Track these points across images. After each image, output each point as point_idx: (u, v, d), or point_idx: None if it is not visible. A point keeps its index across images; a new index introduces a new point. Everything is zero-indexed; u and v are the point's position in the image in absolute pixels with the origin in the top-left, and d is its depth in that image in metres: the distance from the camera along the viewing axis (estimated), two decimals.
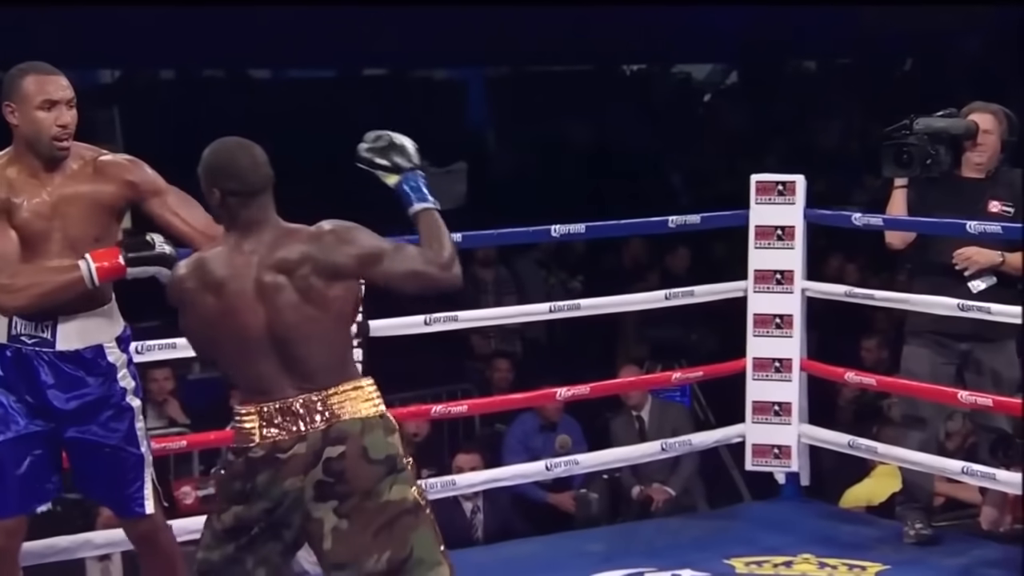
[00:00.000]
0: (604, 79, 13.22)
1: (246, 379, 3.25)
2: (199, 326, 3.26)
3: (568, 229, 4.99)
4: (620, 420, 7.22)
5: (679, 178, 11.72)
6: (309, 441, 3.21)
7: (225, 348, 3.24)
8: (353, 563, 3.22)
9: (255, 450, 3.21)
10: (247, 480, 3.23)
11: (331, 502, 3.21)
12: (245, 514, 3.25)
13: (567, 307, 5.17)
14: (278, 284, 3.24)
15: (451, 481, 5.09)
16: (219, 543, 3.29)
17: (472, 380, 8.03)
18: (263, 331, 3.22)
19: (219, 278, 3.23)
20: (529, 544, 5.43)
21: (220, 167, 3.33)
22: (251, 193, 3.36)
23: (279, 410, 3.22)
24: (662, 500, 7.01)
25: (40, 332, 3.50)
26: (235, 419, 3.28)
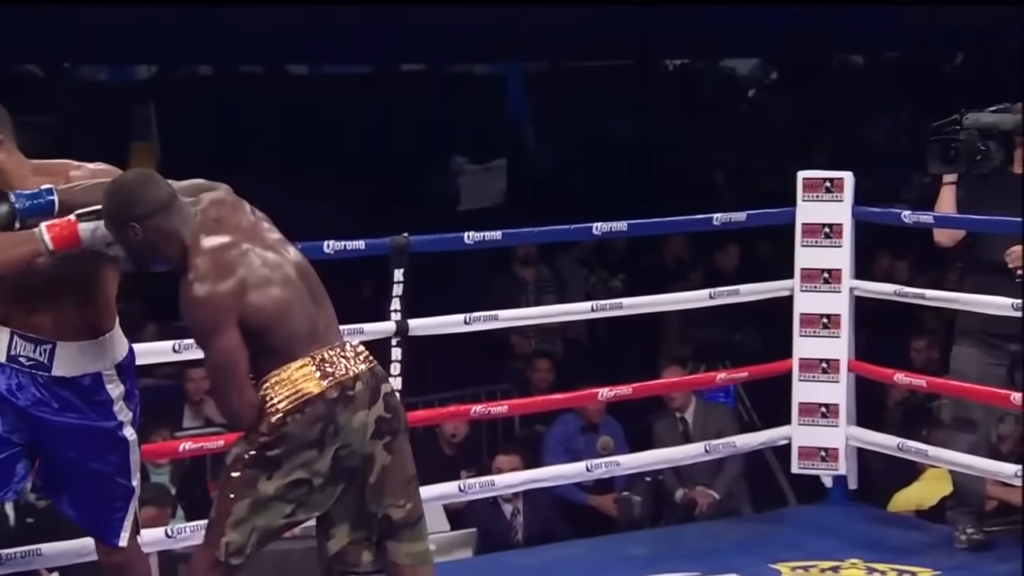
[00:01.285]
0: (646, 74, 13.13)
1: (301, 339, 3.37)
2: (255, 319, 3.32)
3: (610, 227, 4.92)
4: (663, 422, 7.15)
5: (722, 175, 11.62)
6: (363, 379, 3.40)
7: (280, 322, 3.34)
8: (388, 497, 3.44)
9: (328, 393, 3.36)
10: (328, 423, 3.36)
11: (385, 438, 3.42)
12: (315, 461, 3.36)
13: (609, 306, 5.11)
14: (279, 238, 3.45)
15: (490, 482, 5.03)
16: (269, 509, 3.37)
17: (512, 380, 7.97)
18: (298, 280, 3.39)
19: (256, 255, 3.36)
20: (571, 547, 5.37)
21: (143, 199, 3.34)
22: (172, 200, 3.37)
23: (332, 353, 3.39)
24: (706, 503, 6.94)
25: (38, 355, 3.44)
26: (278, 380, 3.35)
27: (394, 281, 4.53)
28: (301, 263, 3.45)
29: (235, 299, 3.30)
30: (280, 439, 3.37)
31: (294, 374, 3.37)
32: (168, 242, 3.34)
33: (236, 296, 3.30)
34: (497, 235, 4.72)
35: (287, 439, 3.37)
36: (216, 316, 3.29)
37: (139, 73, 12.26)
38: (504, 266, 8.80)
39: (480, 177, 10.99)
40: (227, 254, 3.33)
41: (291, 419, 3.36)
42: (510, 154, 11.39)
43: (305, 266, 3.46)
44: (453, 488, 4.86)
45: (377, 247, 4.52)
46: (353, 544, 3.47)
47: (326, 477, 3.40)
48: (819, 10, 11.39)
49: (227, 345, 3.29)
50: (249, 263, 3.34)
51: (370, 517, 3.46)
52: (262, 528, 3.39)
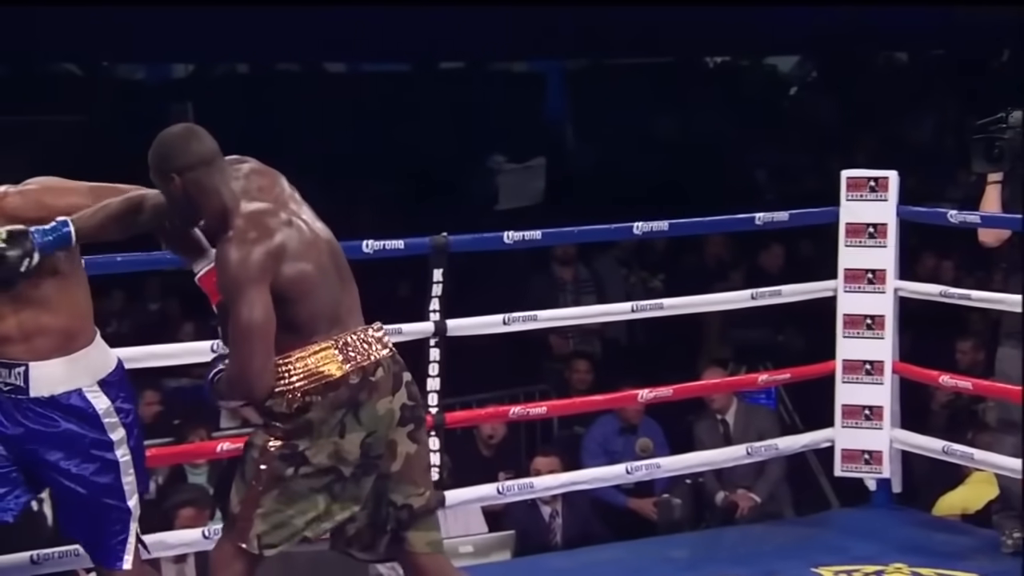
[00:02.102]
0: (686, 71, 13.07)
1: (324, 319, 3.36)
2: (285, 288, 3.29)
3: (651, 226, 4.86)
4: (704, 423, 7.09)
5: (763, 174, 11.55)
6: (385, 365, 3.40)
7: (307, 297, 3.33)
8: (409, 486, 3.44)
9: (350, 378, 3.35)
10: (349, 410, 3.35)
11: (409, 426, 3.43)
12: (341, 450, 3.36)
13: (650, 307, 5.06)
14: (315, 218, 3.43)
15: (529, 484, 4.98)
16: (299, 500, 3.36)
17: (550, 381, 7.93)
18: (330, 261, 3.39)
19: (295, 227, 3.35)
20: (610, 550, 5.32)
21: (185, 151, 3.34)
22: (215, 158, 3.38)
23: (354, 338, 3.38)
24: (747, 506, 6.88)
25: (12, 379, 3.37)
26: (300, 361, 3.34)
27: (433, 281, 4.48)
28: (332, 243, 3.44)
29: (272, 262, 3.29)
30: (302, 427, 3.36)
31: (315, 355, 3.36)
32: (208, 199, 3.33)
33: (273, 260, 3.29)
34: (537, 235, 4.68)
35: (309, 426, 3.36)
36: (251, 275, 3.25)
37: (176, 71, 12.29)
38: (543, 266, 8.77)
39: (519, 176, 10.95)
40: (267, 220, 3.33)
41: (312, 401, 3.35)
42: (549, 152, 11.33)
43: (335, 247, 3.45)
44: (491, 490, 4.83)
45: (416, 247, 4.48)
46: (369, 528, 3.47)
47: (357, 467, 3.38)
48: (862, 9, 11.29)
49: (260, 306, 3.25)
50: (287, 233, 3.33)
51: (389, 505, 3.45)
52: (294, 521, 3.37)
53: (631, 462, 5.23)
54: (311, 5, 9.84)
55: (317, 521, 3.41)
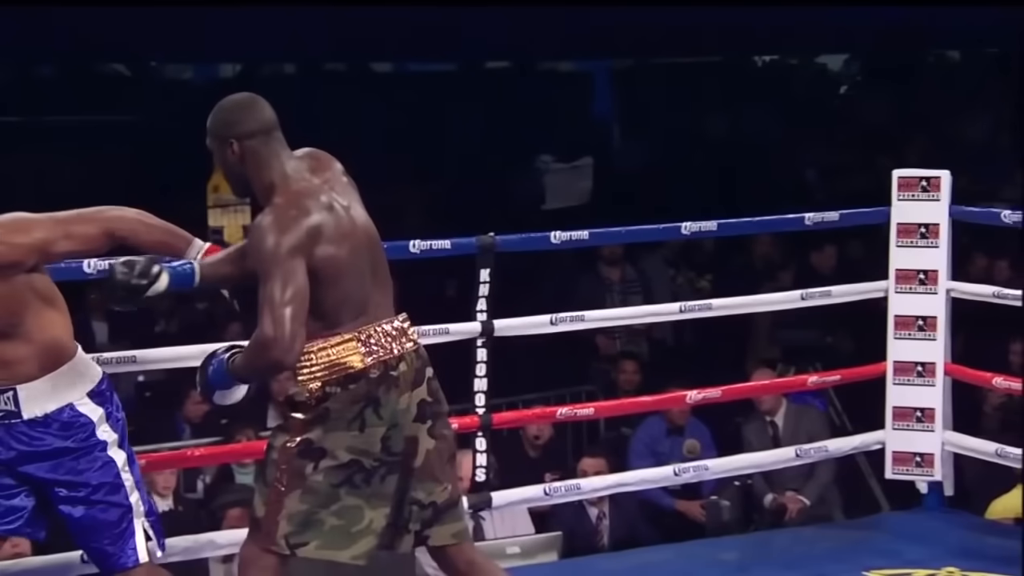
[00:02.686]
0: (734, 70, 13.00)
1: (351, 309, 3.34)
2: (319, 268, 3.28)
3: (699, 226, 4.82)
4: (753, 425, 7.05)
5: (813, 173, 11.47)
6: (407, 360, 3.39)
7: (336, 283, 3.32)
8: (432, 483, 3.43)
9: (371, 371, 3.34)
10: (368, 403, 3.33)
11: (428, 422, 3.41)
12: (361, 444, 3.34)
13: (698, 307, 5.02)
14: (360, 208, 3.42)
15: (576, 485, 4.94)
16: (324, 498, 3.35)
17: (597, 382, 7.90)
18: (366, 252, 3.37)
19: (334, 212, 3.34)
20: (658, 552, 5.29)
21: (247, 118, 3.39)
22: (274, 129, 3.41)
23: (378, 331, 3.36)
24: (796, 509, 6.83)
25: (3, 405, 3.39)
26: (322, 351, 3.33)
27: (480, 281, 4.46)
28: (371, 237, 3.42)
29: (308, 240, 3.29)
30: (320, 418, 3.35)
31: (338, 346, 3.35)
32: (260, 170, 3.36)
33: (309, 238, 3.29)
34: (584, 235, 4.65)
35: (327, 418, 3.35)
36: (287, 248, 3.24)
37: (224, 71, 12.32)
38: (589, 266, 8.74)
39: (566, 176, 10.93)
40: (308, 201, 3.33)
41: (332, 392, 3.34)
42: (596, 152, 11.30)
43: (374, 242, 3.43)
44: (539, 491, 4.80)
45: (463, 247, 4.46)
46: (390, 527, 3.44)
47: (378, 461, 3.37)
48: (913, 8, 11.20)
49: (297, 275, 3.24)
50: (324, 216, 3.33)
51: (413, 504, 3.43)
52: (320, 518, 3.36)
53: (678, 463, 5.20)
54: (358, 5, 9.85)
55: (352, 527, 3.38)
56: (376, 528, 3.40)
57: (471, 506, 4.54)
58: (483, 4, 10.04)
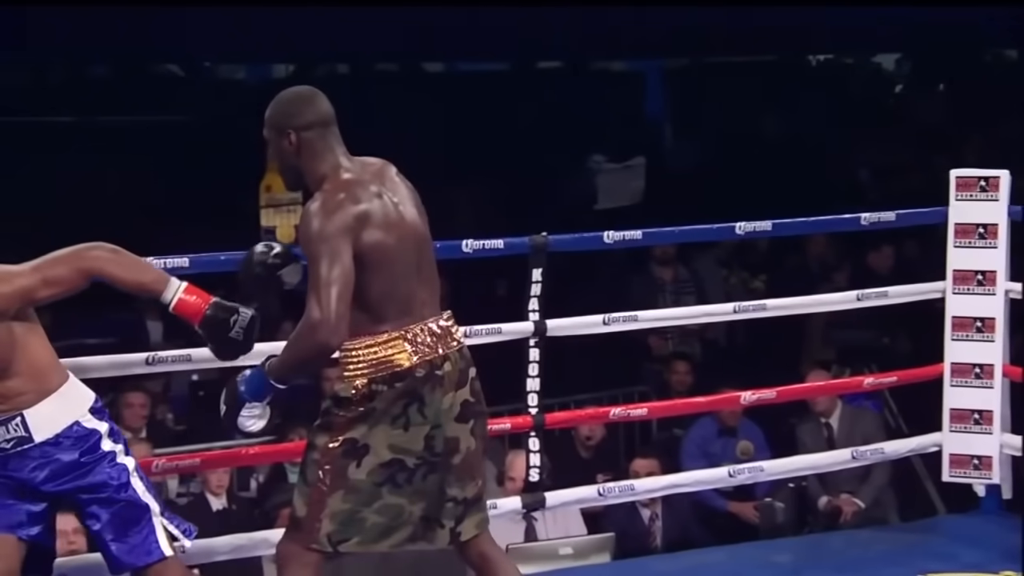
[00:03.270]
0: (788, 70, 12.92)
1: (395, 303, 3.34)
2: (364, 254, 3.29)
3: (754, 226, 4.78)
4: (807, 426, 7.00)
5: (866, 173, 11.38)
6: (452, 360, 3.39)
7: (381, 271, 3.32)
8: (468, 480, 3.45)
9: (417, 370, 3.34)
10: (412, 400, 3.34)
11: (470, 422, 3.43)
12: (404, 442, 3.36)
13: (753, 307, 4.98)
14: (415, 205, 3.43)
15: (630, 486, 4.92)
16: (366, 497, 3.36)
17: (649, 383, 7.86)
18: (413, 248, 3.37)
19: (383, 201, 3.36)
20: (711, 554, 5.28)
21: (307, 110, 3.42)
22: (331, 122, 3.44)
23: (426, 330, 3.37)
24: (851, 511, 6.77)
25: (13, 432, 3.45)
26: (369, 349, 3.34)
27: (532, 281, 4.44)
28: (420, 235, 3.42)
29: (355, 223, 3.31)
30: (364, 416, 3.36)
31: (384, 344, 3.35)
32: (315, 162, 3.38)
33: (357, 221, 3.31)
34: (637, 234, 4.62)
35: (372, 416, 3.36)
36: (335, 229, 3.26)
37: (276, 72, 12.36)
38: (642, 266, 8.70)
39: (618, 175, 10.88)
40: (358, 189, 3.36)
41: (378, 391, 3.34)
42: (648, 152, 11.25)
43: (422, 240, 3.43)
44: (592, 492, 4.77)
45: (516, 246, 4.44)
46: (423, 520, 3.45)
47: (420, 460, 3.38)
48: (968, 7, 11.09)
49: (343, 256, 3.26)
50: (373, 203, 3.35)
51: (449, 500, 3.45)
52: (362, 515, 3.38)
53: (732, 465, 5.17)
54: (410, 5, 9.86)
55: (392, 523, 3.40)
56: (413, 520, 3.43)
57: (525, 506, 4.53)
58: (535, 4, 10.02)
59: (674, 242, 7.90)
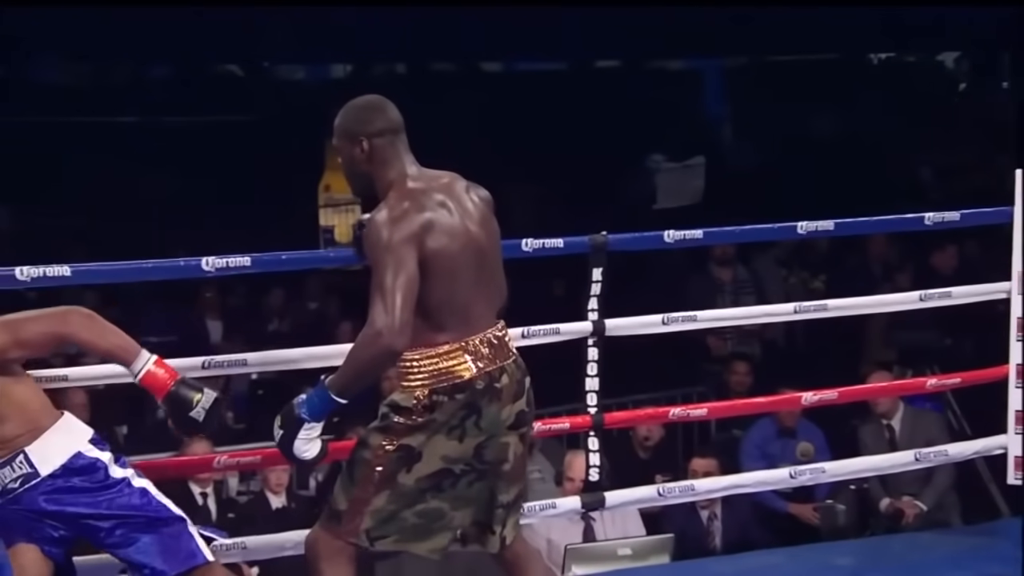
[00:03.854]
0: (849, 68, 12.83)
1: (454, 313, 3.35)
2: (426, 262, 3.31)
3: (816, 226, 4.73)
4: (869, 428, 6.94)
5: (928, 171, 11.28)
6: (509, 371, 3.41)
7: (442, 280, 3.32)
8: (514, 484, 3.48)
9: (477, 383, 3.36)
10: (470, 413, 3.36)
11: (521, 429, 3.46)
12: (456, 452, 3.38)
13: (813, 307, 4.92)
14: (481, 217, 3.43)
15: (690, 486, 4.87)
16: (410, 500, 3.39)
17: (708, 383, 7.82)
18: (473, 258, 3.37)
19: (447, 211, 3.38)
20: (771, 555, 5.23)
21: (380, 117, 3.46)
22: (401, 130, 3.47)
23: (484, 342, 3.38)
24: (913, 514, 6.71)
25: (18, 469, 3.44)
26: (429, 361, 3.35)
27: (592, 280, 4.42)
28: (483, 247, 3.42)
29: (420, 230, 3.32)
30: (422, 425, 3.37)
31: (445, 355, 3.37)
32: (384, 169, 3.41)
33: (421, 228, 3.33)
34: (698, 234, 4.58)
35: (430, 425, 3.37)
36: (400, 237, 3.28)
37: (335, 72, 12.41)
38: (700, 266, 8.66)
39: (678, 175, 10.84)
40: (422, 197, 3.38)
41: (438, 401, 3.36)
42: (708, 151, 11.20)
43: (485, 252, 3.43)
44: (652, 492, 4.74)
45: (575, 246, 4.42)
46: (474, 526, 3.49)
47: (467, 467, 3.40)
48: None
49: (408, 263, 3.27)
50: (437, 212, 3.36)
51: (499, 507, 3.47)
52: (403, 515, 3.40)
53: (792, 466, 5.12)
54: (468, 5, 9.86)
55: (431, 525, 3.43)
56: (455, 525, 3.45)
57: (584, 506, 4.52)
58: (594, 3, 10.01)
59: (735, 241, 7.84)
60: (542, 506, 4.41)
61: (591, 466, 4.50)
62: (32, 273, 3.72)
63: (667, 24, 10.82)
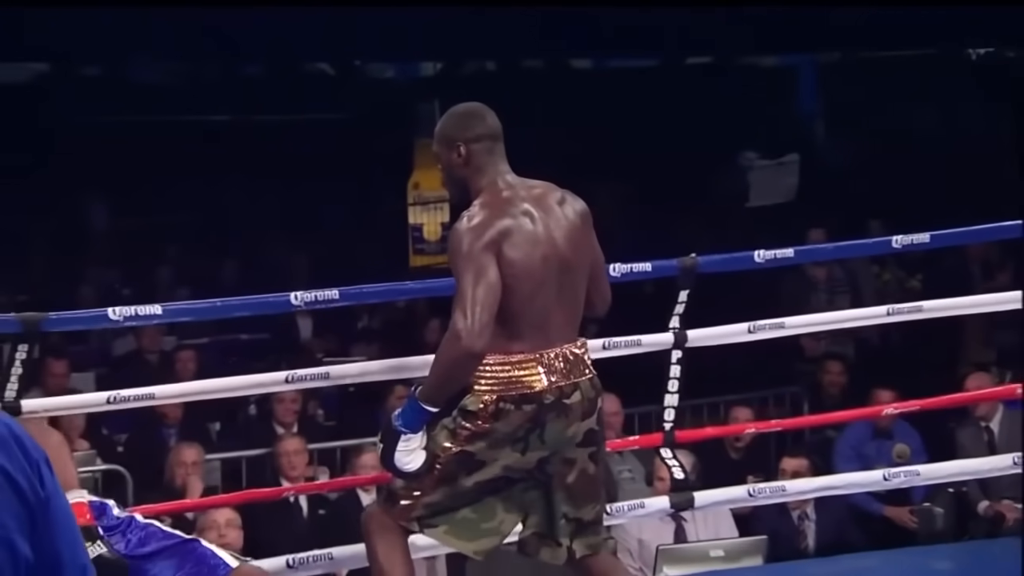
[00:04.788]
0: (946, 63, 12.62)
1: (532, 323, 3.37)
2: (504, 269, 3.33)
3: (911, 239, 4.61)
4: (967, 430, 6.81)
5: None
6: (583, 388, 3.41)
7: (519, 289, 3.34)
8: (582, 500, 3.47)
9: (546, 396, 3.36)
10: (535, 426, 3.37)
11: (591, 447, 3.46)
12: (518, 463, 3.40)
13: (907, 309, 4.80)
14: (571, 231, 3.43)
15: (781, 487, 4.79)
16: (466, 500, 3.43)
17: (801, 383, 7.71)
18: (556, 271, 3.38)
19: (530, 220, 3.40)
20: (866, 558, 5.17)
21: (480, 123, 3.51)
22: (500, 138, 3.52)
23: (558, 356, 3.38)
24: (1013, 518, 6.56)
25: None
26: (502, 368, 3.37)
27: (678, 301, 4.34)
28: (567, 259, 3.42)
29: (499, 237, 3.35)
30: (487, 433, 3.39)
31: (518, 364, 3.38)
32: (480, 174, 3.46)
33: (500, 235, 3.35)
34: (789, 252, 4.48)
35: (491, 436, 3.39)
36: (481, 243, 3.33)
37: (424, 70, 12.42)
38: (795, 265, 8.54)
39: (771, 173, 10.73)
40: (509, 205, 3.41)
41: (505, 409, 3.37)
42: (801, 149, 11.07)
43: (571, 264, 3.43)
44: (742, 492, 4.67)
45: (664, 269, 4.34)
46: (534, 536, 3.51)
47: (527, 474, 3.44)
48: None
49: (489, 269, 3.31)
50: (519, 221, 3.38)
51: (562, 518, 3.48)
52: (456, 509, 3.45)
53: (889, 469, 5.02)
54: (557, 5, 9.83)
55: (482, 522, 3.47)
56: (503, 531, 3.49)
57: (673, 506, 4.47)
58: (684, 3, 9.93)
59: (827, 259, 7.74)
60: (630, 506, 4.39)
61: (674, 465, 4.45)
62: (125, 313, 3.83)
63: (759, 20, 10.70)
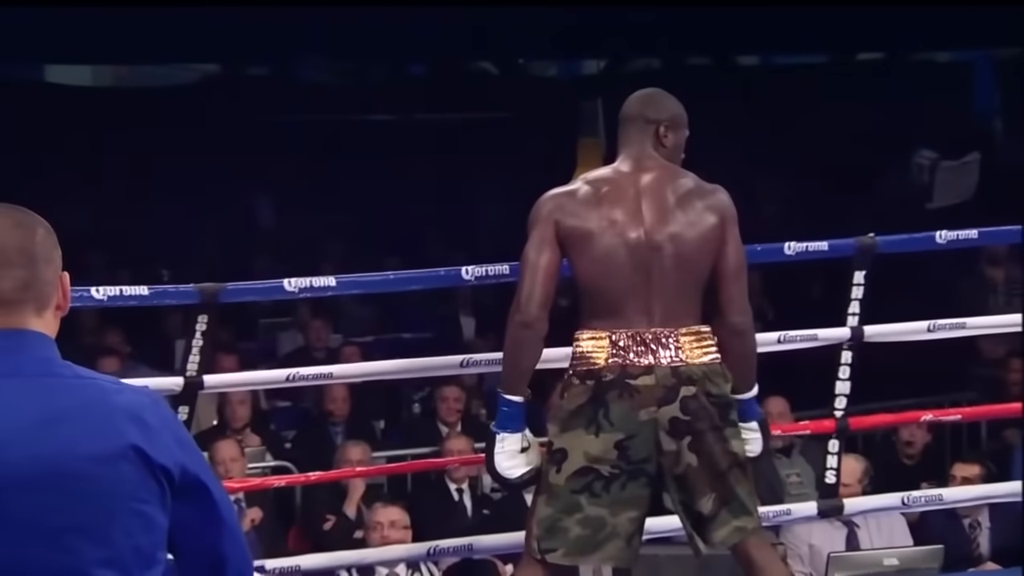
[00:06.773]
0: None
1: (607, 302, 3.39)
2: (564, 238, 3.40)
3: None
4: None
5: None
6: (658, 374, 3.37)
7: (590, 265, 3.39)
8: (696, 493, 3.42)
9: (604, 373, 3.36)
10: (598, 404, 3.36)
11: (686, 438, 3.39)
12: (597, 451, 3.36)
13: None
14: (688, 220, 3.41)
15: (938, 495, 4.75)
16: (566, 505, 3.38)
17: (977, 387, 7.47)
18: (645, 254, 3.38)
19: (623, 202, 3.42)
20: None
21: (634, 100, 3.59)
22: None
23: (631, 337, 3.36)
24: None
25: None
26: (576, 345, 3.41)
27: (854, 284, 4.21)
28: (663, 248, 3.40)
29: (556, 211, 3.41)
30: (556, 416, 3.42)
31: (589, 340, 3.40)
32: (618, 150, 3.53)
33: (558, 209, 3.41)
34: (972, 234, 4.35)
35: (562, 413, 3.40)
36: (538, 217, 3.43)
37: (587, 68, 12.36)
38: (971, 266, 8.31)
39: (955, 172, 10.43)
40: (602, 184, 3.46)
41: (571, 383, 3.40)
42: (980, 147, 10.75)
43: (666, 253, 3.40)
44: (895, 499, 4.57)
45: (841, 248, 4.22)
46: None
47: (617, 468, 3.37)
48: None
49: (544, 245, 3.38)
50: (608, 202, 3.42)
51: (677, 510, 3.47)
52: (564, 524, 3.39)
53: None
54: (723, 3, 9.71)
55: (596, 535, 3.40)
56: (623, 532, 3.42)
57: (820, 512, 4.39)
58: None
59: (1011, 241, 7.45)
60: (775, 512, 4.32)
61: (828, 468, 4.32)
62: (300, 284, 3.86)
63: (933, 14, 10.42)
